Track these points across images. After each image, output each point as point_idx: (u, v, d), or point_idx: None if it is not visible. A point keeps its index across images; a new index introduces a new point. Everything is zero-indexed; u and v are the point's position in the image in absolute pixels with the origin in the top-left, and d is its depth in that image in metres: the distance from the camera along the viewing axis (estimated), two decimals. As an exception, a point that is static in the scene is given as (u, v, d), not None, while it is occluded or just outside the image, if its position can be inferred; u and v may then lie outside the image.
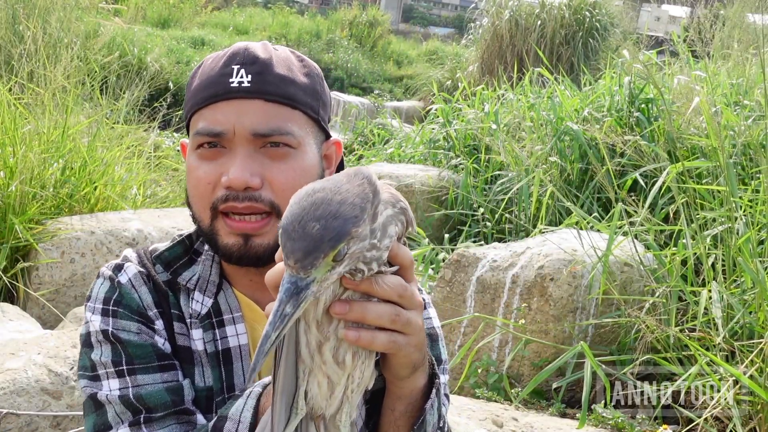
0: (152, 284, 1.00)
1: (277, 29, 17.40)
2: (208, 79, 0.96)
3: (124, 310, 0.97)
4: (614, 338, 3.09)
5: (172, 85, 6.61)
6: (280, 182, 0.93)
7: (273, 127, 0.94)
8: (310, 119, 0.99)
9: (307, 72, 1.00)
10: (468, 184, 5.01)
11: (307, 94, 0.98)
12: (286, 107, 0.96)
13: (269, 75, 0.95)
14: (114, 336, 0.95)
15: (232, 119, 0.93)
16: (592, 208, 4.16)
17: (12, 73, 3.96)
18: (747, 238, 2.70)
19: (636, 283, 3.08)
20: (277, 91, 0.95)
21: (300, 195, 0.66)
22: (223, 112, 0.93)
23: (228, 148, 0.94)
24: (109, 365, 0.94)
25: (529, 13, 10.39)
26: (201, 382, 0.97)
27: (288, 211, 0.65)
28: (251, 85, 0.94)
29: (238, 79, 0.94)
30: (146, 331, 0.96)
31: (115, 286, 0.99)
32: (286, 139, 0.95)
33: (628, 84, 4.58)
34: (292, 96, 0.96)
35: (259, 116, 0.94)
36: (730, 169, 2.88)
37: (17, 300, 3.10)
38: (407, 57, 18.71)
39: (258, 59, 0.96)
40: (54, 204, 3.44)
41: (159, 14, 14.92)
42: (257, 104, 0.94)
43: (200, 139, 0.95)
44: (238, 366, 0.98)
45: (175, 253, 1.03)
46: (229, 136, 0.93)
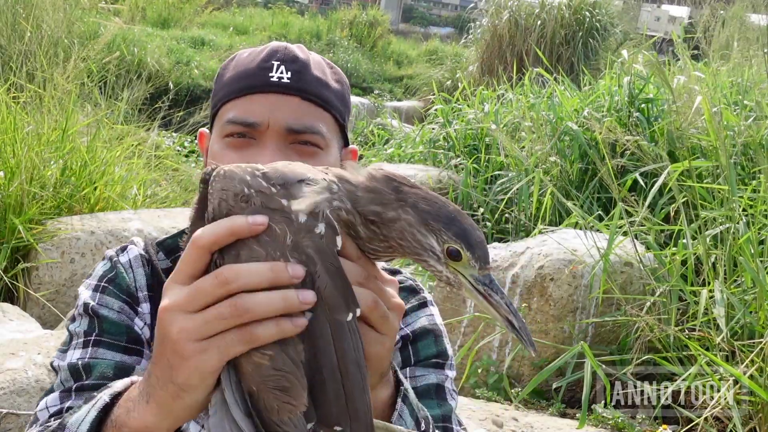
0: (150, 268, 1.01)
1: (277, 29, 17.40)
2: (245, 71, 0.98)
3: (114, 288, 0.99)
4: (614, 338, 3.09)
5: (172, 86, 6.60)
6: None
7: (306, 125, 0.95)
8: (337, 124, 1.01)
9: (337, 79, 1.03)
10: (468, 184, 5.01)
11: (338, 99, 1.01)
12: (320, 108, 0.98)
13: (307, 75, 0.97)
14: (93, 310, 0.97)
15: (267, 112, 0.95)
16: (592, 208, 4.16)
17: (12, 73, 3.96)
18: (747, 238, 2.70)
19: (636, 283, 3.08)
20: (314, 91, 0.97)
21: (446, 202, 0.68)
22: (259, 104, 0.95)
23: (257, 140, 0.95)
24: (80, 336, 0.96)
25: (529, 13, 10.39)
26: None
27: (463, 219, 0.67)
28: (290, 81, 0.96)
29: (278, 75, 0.96)
30: (127, 312, 0.98)
31: (113, 266, 1.01)
32: (316, 138, 0.96)
33: (628, 84, 4.58)
34: (326, 98, 0.99)
35: (294, 112, 0.96)
36: (730, 169, 2.88)
37: (17, 300, 3.10)
38: (407, 57, 18.70)
39: (298, 58, 0.98)
40: (54, 204, 3.44)
41: (159, 14, 14.91)
42: (294, 101, 0.96)
43: (232, 128, 0.96)
44: None
45: (177, 242, 1.04)
46: (263, 128, 0.95)
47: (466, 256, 0.67)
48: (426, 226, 0.67)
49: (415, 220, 0.67)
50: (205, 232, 0.65)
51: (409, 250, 0.68)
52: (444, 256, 0.67)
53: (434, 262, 0.67)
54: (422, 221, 0.67)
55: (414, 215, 0.67)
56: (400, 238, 0.68)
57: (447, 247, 0.67)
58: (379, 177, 0.69)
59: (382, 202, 0.68)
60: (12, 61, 4.08)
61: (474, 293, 0.68)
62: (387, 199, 0.68)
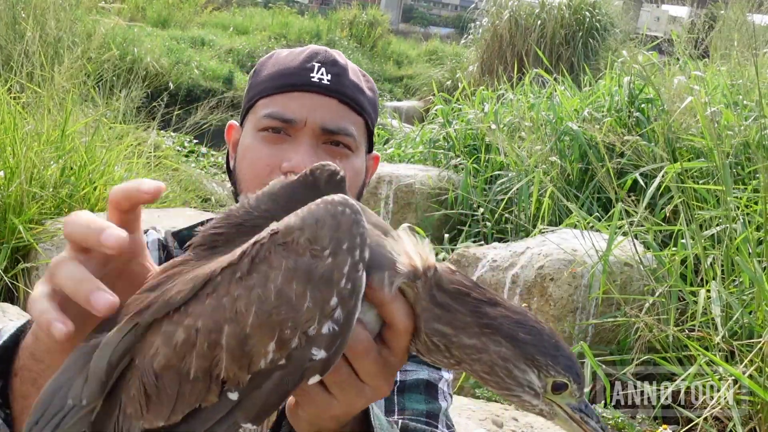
0: (166, 254, 1.02)
1: (277, 29, 17.40)
2: (286, 70, 1.00)
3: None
4: (614, 338, 3.10)
5: (172, 85, 6.61)
6: None
7: (341, 126, 0.98)
8: (367, 130, 1.05)
9: (370, 87, 1.06)
10: (468, 184, 5.01)
11: (370, 105, 1.04)
12: (355, 112, 1.01)
13: (345, 79, 1.01)
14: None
15: (306, 110, 0.97)
16: (592, 208, 4.17)
17: (12, 73, 3.96)
18: (745, 238, 2.70)
19: (636, 283, 3.08)
20: (351, 94, 1.00)
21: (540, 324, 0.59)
22: (298, 102, 0.98)
23: (292, 136, 0.98)
24: None
25: (529, 13, 10.39)
26: None
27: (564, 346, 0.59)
28: (330, 84, 0.99)
29: (318, 76, 0.99)
30: None
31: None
32: (348, 140, 0.99)
33: (628, 84, 4.58)
34: (361, 103, 1.01)
35: (331, 113, 0.98)
36: (725, 170, 2.88)
37: (17, 300, 3.10)
38: (407, 57, 18.71)
39: (337, 62, 1.02)
40: (54, 204, 3.44)
41: (158, 14, 14.91)
42: (332, 102, 0.99)
43: (269, 122, 0.98)
44: None
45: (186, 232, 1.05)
46: (299, 126, 0.97)
47: (573, 388, 0.59)
48: (528, 361, 0.58)
49: (512, 354, 0.58)
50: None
51: (496, 384, 0.59)
52: (546, 390, 0.59)
53: (530, 397, 0.59)
54: (523, 356, 0.58)
55: (510, 348, 0.58)
56: (486, 372, 0.58)
57: (553, 382, 0.58)
58: (449, 288, 0.58)
59: (453, 324, 0.58)
60: (12, 61, 4.08)
61: (570, 423, 0.60)
62: (462, 322, 0.58)
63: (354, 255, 0.53)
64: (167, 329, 0.55)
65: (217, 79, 11.53)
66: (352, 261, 0.53)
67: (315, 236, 0.54)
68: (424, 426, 0.90)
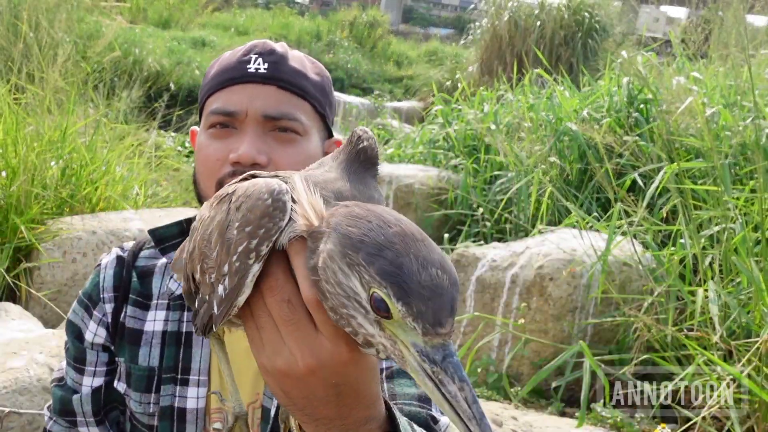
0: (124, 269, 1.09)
1: (277, 30, 17.40)
2: (227, 66, 1.03)
3: (82, 294, 1.10)
4: (613, 337, 3.11)
5: (173, 86, 6.61)
6: (285, 164, 0.97)
7: (283, 112, 0.99)
8: (317, 114, 1.05)
9: (318, 72, 1.07)
10: (467, 184, 5.02)
11: (317, 90, 1.05)
12: (297, 97, 1.02)
13: (284, 66, 1.02)
14: (67, 322, 1.11)
15: (245, 101, 0.99)
16: (591, 208, 4.18)
17: (12, 73, 3.97)
18: (742, 238, 2.71)
19: (635, 283, 3.10)
20: (290, 79, 1.02)
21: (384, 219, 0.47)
22: (238, 95, 1.00)
23: (239, 129, 1.00)
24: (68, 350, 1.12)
25: (529, 14, 10.40)
26: (144, 362, 1.03)
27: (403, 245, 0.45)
28: (266, 72, 1.01)
29: (255, 66, 1.01)
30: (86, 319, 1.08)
31: (94, 271, 1.12)
32: (294, 125, 1.00)
33: (627, 85, 4.59)
34: (303, 87, 1.02)
35: (271, 100, 1.00)
36: (723, 170, 2.89)
37: (19, 300, 3.11)
38: (407, 57, 18.71)
39: (275, 51, 1.03)
40: (55, 204, 3.45)
41: (160, 14, 14.92)
42: (270, 90, 1.01)
43: (213, 119, 1.01)
44: (197, 351, 1.02)
45: (170, 231, 1.08)
46: (242, 117, 0.99)
47: (396, 309, 0.43)
48: (348, 261, 0.45)
49: (337, 250, 0.46)
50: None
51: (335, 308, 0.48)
52: (371, 307, 0.45)
53: (362, 319, 0.45)
54: (343, 253, 0.46)
55: (337, 244, 0.46)
56: (326, 281, 0.48)
57: (372, 293, 0.44)
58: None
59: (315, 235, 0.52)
60: (12, 62, 4.09)
61: (419, 374, 0.46)
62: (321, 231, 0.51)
63: (251, 242, 0.53)
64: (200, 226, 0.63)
65: (217, 79, 11.50)
66: (246, 246, 0.54)
67: (239, 206, 0.56)
68: (417, 408, 0.90)
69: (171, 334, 1.03)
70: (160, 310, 1.04)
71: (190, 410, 1.01)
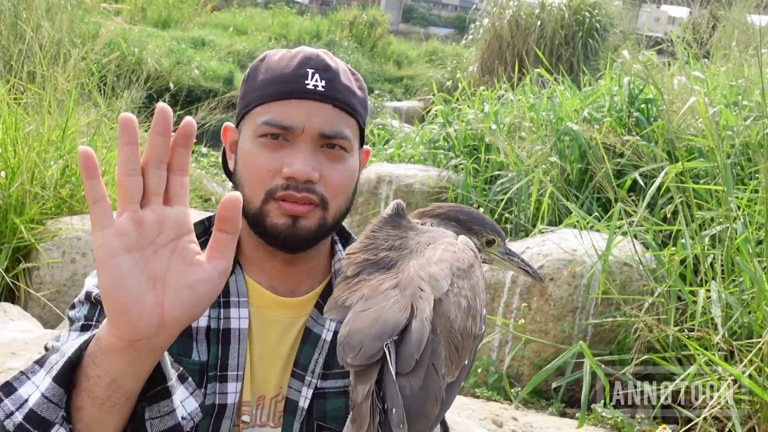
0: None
1: (277, 29, 17.41)
2: (281, 76, 1.04)
3: None
4: (614, 338, 3.10)
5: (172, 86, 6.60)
6: (334, 180, 1.03)
7: (337, 131, 1.03)
8: (359, 128, 1.10)
9: (360, 86, 1.11)
10: (468, 184, 5.01)
11: (362, 105, 1.09)
12: (348, 114, 1.06)
13: (338, 83, 1.05)
14: (96, 298, 1.00)
15: (303, 118, 1.02)
16: (591, 208, 4.17)
17: (12, 73, 3.96)
18: (745, 238, 2.70)
19: (635, 283, 3.09)
20: (343, 99, 1.05)
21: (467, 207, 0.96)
22: (295, 110, 1.02)
23: (291, 142, 1.02)
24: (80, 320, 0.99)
25: (529, 14, 10.40)
26: (196, 356, 1.03)
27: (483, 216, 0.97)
28: (325, 90, 1.03)
29: (313, 82, 1.03)
30: None
31: None
32: (344, 142, 1.04)
33: (628, 84, 4.58)
34: (353, 105, 1.07)
35: (327, 119, 1.03)
36: (726, 170, 2.88)
37: (18, 300, 3.10)
38: (407, 57, 18.72)
39: (330, 68, 1.06)
40: (55, 204, 3.45)
41: (159, 14, 14.92)
42: (327, 108, 1.03)
43: (267, 129, 1.02)
44: (234, 348, 1.04)
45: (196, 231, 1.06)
46: (297, 132, 1.02)
47: (498, 241, 0.95)
48: (469, 231, 0.93)
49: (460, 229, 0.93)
50: None
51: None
52: (483, 246, 0.94)
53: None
54: (466, 228, 0.92)
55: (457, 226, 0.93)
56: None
57: (486, 240, 0.94)
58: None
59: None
60: (13, 61, 4.08)
61: (502, 262, 0.95)
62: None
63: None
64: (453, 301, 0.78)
65: (217, 79, 11.53)
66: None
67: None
68: None
69: (214, 331, 1.04)
70: None
71: (229, 405, 1.03)
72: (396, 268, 0.82)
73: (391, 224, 0.89)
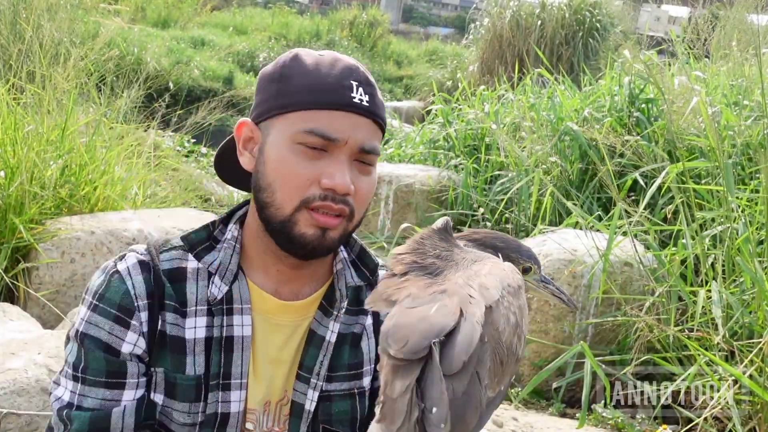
0: (152, 274, 1.04)
1: (276, 29, 17.41)
2: (325, 86, 1.01)
3: (105, 304, 1.02)
4: (614, 338, 3.10)
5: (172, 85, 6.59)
6: (363, 192, 1.04)
7: (374, 146, 1.05)
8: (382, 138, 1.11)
9: (381, 95, 1.11)
10: (468, 184, 5.01)
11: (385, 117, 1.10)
12: (381, 129, 1.07)
13: (377, 98, 1.06)
14: (80, 337, 1.01)
15: (348, 131, 1.01)
16: (592, 208, 4.16)
17: (12, 73, 3.96)
18: (746, 238, 2.70)
19: (636, 283, 3.08)
20: (380, 114, 1.07)
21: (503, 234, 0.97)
22: (341, 122, 1.01)
23: (329, 152, 1.01)
24: (69, 366, 1.02)
25: (530, 13, 10.39)
26: (192, 371, 1.02)
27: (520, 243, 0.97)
28: (369, 105, 1.03)
29: (359, 96, 1.02)
30: (118, 331, 1.01)
31: (105, 279, 1.04)
32: (374, 158, 1.06)
33: (628, 84, 4.58)
34: (384, 119, 1.08)
35: (368, 133, 1.04)
36: (728, 169, 2.87)
37: (18, 300, 3.10)
38: (407, 57, 18.72)
39: (370, 82, 1.07)
40: (54, 204, 3.44)
41: (158, 14, 14.92)
42: (368, 122, 1.04)
43: (311, 138, 0.99)
44: (237, 356, 1.03)
45: (200, 236, 1.08)
46: (340, 144, 1.00)
47: (535, 269, 0.95)
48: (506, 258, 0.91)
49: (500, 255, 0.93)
50: None
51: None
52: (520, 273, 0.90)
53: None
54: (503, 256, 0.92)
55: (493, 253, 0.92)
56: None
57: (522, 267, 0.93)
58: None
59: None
60: (12, 60, 4.08)
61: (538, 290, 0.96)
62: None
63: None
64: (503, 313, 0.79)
65: (217, 79, 11.53)
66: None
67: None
68: None
69: (216, 340, 1.03)
70: (200, 317, 1.03)
71: (233, 414, 1.03)
72: (443, 276, 0.82)
73: (439, 236, 0.90)
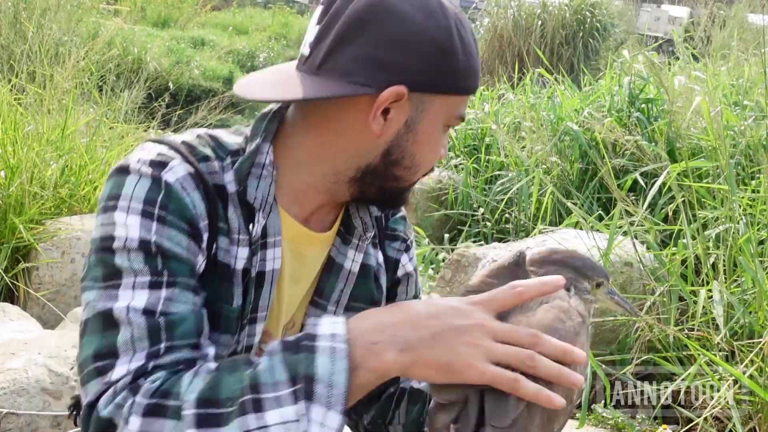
0: (204, 190, 0.88)
1: (276, 29, 17.39)
2: (475, 69, 0.96)
3: (174, 217, 0.84)
4: (614, 338, 3.09)
5: (172, 85, 6.60)
6: None
7: None
8: None
9: None
10: (468, 184, 5.01)
11: None
12: None
13: None
14: (158, 246, 0.83)
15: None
16: (592, 208, 4.16)
17: (13, 73, 3.96)
18: (747, 238, 2.70)
19: (636, 283, 3.08)
20: None
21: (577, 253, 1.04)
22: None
23: None
24: (142, 273, 0.82)
25: (530, 13, 10.39)
26: (237, 302, 0.93)
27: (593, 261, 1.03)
28: None
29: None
30: (193, 249, 0.86)
31: (161, 186, 0.85)
32: None
33: (628, 84, 4.58)
34: None
35: None
36: (730, 169, 2.87)
37: (18, 300, 3.10)
38: (407, 57, 18.66)
39: None
40: (54, 204, 3.44)
41: (158, 14, 14.92)
42: None
43: (456, 122, 1.02)
44: (266, 289, 0.97)
45: (246, 166, 0.94)
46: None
47: (606, 284, 1.01)
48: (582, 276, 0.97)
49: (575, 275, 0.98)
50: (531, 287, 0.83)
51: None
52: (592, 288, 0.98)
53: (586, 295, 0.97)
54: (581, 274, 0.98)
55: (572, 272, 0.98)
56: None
57: (596, 283, 0.98)
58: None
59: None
60: (13, 60, 4.08)
61: (607, 301, 1.00)
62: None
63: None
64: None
65: (217, 79, 11.52)
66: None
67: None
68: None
69: (260, 273, 0.94)
70: (243, 247, 0.92)
71: (255, 346, 0.99)
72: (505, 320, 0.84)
73: (509, 275, 0.94)
